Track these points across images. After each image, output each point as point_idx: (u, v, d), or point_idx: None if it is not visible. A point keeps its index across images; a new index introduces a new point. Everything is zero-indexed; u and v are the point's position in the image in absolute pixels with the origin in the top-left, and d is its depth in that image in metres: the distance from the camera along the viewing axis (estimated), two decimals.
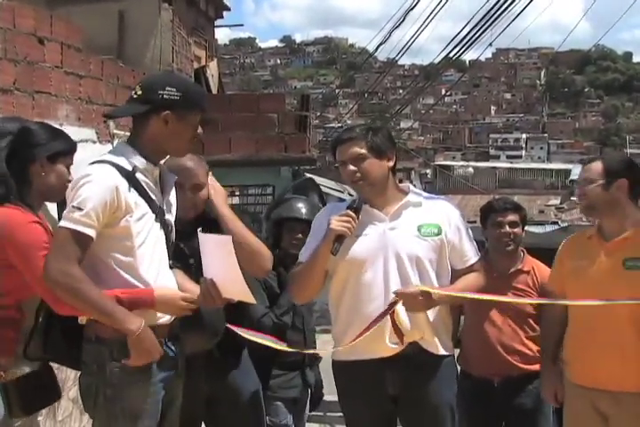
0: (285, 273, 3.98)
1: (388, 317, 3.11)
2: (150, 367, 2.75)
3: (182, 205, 3.32)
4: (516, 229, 3.99)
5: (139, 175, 2.77)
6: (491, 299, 3.43)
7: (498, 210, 4.00)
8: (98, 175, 2.68)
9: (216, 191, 3.34)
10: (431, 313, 3.20)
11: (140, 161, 2.79)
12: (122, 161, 2.76)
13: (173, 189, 2.99)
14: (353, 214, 3.12)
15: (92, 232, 2.63)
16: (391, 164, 3.27)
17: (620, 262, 3.20)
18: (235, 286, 2.85)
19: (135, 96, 2.84)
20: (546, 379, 3.55)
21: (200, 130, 2.90)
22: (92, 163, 2.76)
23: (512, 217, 3.99)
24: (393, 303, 3.09)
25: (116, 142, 5.63)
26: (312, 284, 3.26)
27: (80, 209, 2.61)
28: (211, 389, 3.46)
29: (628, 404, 3.18)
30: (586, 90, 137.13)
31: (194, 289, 2.96)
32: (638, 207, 3.33)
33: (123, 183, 2.71)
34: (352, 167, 3.20)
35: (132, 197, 2.73)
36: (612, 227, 3.29)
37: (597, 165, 3.30)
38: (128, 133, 3.06)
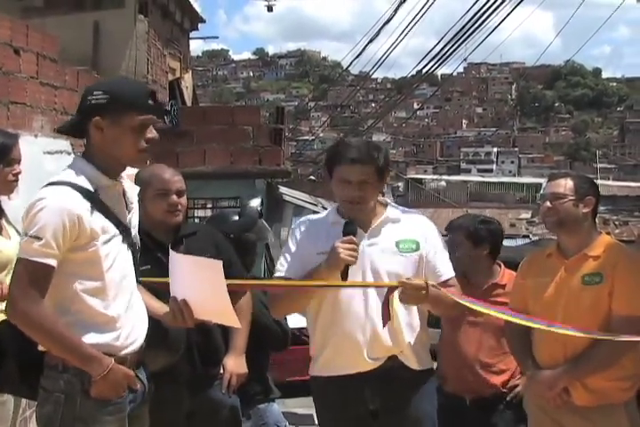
0: None
1: (368, 332, 3.12)
2: (124, 400, 2.60)
3: (167, 210, 3.39)
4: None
5: (102, 195, 2.58)
6: (479, 309, 3.35)
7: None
8: (53, 199, 2.47)
9: None
10: (410, 328, 3.20)
11: (100, 178, 2.59)
12: (82, 180, 2.55)
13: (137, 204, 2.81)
14: (356, 240, 3.08)
15: (53, 262, 2.45)
16: (383, 186, 3.28)
17: (579, 279, 3.26)
18: (215, 309, 2.72)
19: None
20: (534, 384, 3.44)
21: (153, 134, 2.65)
22: (49, 184, 2.55)
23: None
24: (393, 289, 3.04)
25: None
26: (301, 304, 3.27)
27: (39, 238, 2.42)
28: (192, 402, 3.46)
29: (594, 419, 3.20)
30: (556, 105, 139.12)
31: (160, 307, 2.82)
32: (595, 225, 3.42)
33: (85, 206, 2.51)
34: (358, 191, 3.14)
35: (98, 220, 2.54)
36: (572, 244, 3.35)
37: (568, 182, 3.34)
38: None
